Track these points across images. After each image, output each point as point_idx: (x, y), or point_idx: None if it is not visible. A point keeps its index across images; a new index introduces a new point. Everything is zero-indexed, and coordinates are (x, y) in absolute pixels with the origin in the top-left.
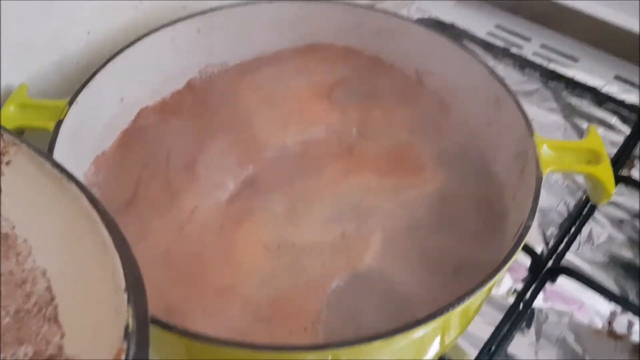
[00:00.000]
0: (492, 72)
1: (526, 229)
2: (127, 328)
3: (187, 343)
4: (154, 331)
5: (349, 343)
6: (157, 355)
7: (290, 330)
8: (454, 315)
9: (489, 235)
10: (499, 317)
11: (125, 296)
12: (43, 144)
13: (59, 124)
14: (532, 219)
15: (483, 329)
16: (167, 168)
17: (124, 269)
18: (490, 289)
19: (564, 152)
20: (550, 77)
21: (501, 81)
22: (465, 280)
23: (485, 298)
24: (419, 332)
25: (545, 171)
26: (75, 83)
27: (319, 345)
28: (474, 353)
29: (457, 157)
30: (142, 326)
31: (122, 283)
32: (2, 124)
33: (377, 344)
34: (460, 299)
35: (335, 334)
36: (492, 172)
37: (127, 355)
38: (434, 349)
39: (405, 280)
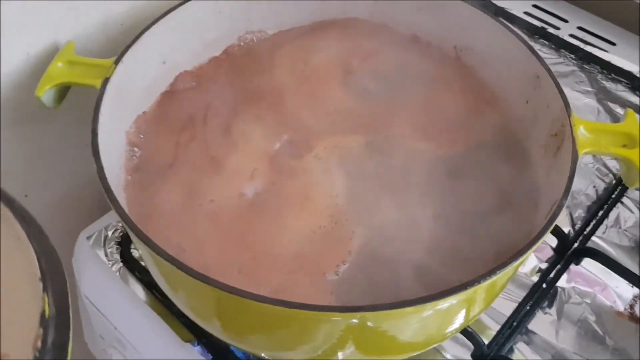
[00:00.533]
0: (533, 50)
1: (559, 207)
2: (43, 314)
3: (223, 297)
4: (191, 283)
5: (381, 307)
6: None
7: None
8: (482, 288)
9: (518, 211)
10: (521, 294)
11: (40, 284)
12: (87, 102)
13: (105, 81)
14: (566, 198)
15: (506, 305)
16: (204, 131)
17: (39, 259)
18: (519, 265)
19: (600, 134)
20: (586, 59)
21: (541, 59)
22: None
23: (513, 274)
24: (448, 302)
25: (581, 152)
26: (119, 44)
27: (349, 307)
28: (496, 328)
29: (492, 134)
30: (62, 312)
31: (37, 272)
32: (50, 79)
33: (408, 309)
34: (490, 273)
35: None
36: (526, 149)
37: (44, 340)
38: (459, 320)
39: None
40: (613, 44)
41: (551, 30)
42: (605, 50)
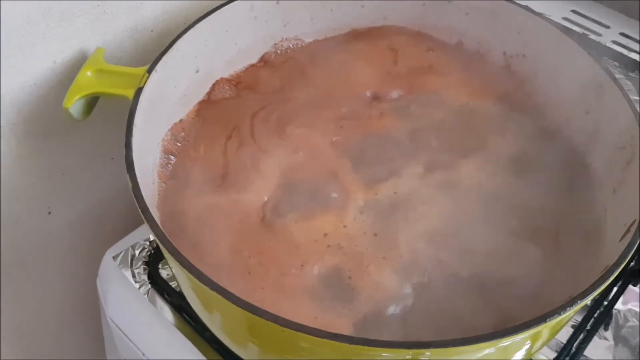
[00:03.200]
0: (596, 57)
1: None
2: None
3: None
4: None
5: (451, 343)
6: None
7: None
8: (556, 321)
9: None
10: (577, 318)
11: None
12: (113, 112)
13: (139, 92)
14: None
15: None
16: (253, 139)
17: None
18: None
19: None
20: (631, 67)
21: (605, 67)
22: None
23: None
24: (518, 337)
25: None
26: (150, 51)
27: (413, 343)
28: (551, 354)
29: (544, 147)
30: None
31: None
32: (78, 89)
33: (484, 344)
34: (570, 304)
35: None
36: (586, 164)
37: None
38: (519, 356)
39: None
40: None
41: (592, 36)
42: None
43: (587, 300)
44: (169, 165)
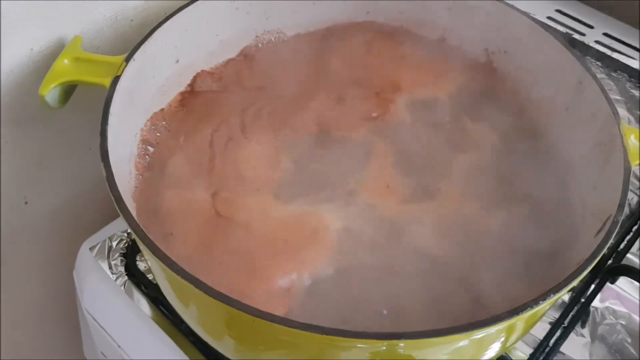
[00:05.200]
0: (576, 54)
1: (615, 224)
2: None
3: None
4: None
5: (425, 334)
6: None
7: None
8: (531, 313)
9: (558, 226)
10: (554, 315)
11: None
12: (91, 101)
13: (116, 80)
14: (621, 213)
15: (536, 326)
16: (243, 133)
17: None
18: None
19: None
20: (613, 67)
21: (586, 64)
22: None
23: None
24: (492, 329)
25: (634, 163)
26: (129, 41)
27: (386, 334)
28: (527, 350)
29: (525, 144)
30: None
31: None
32: (55, 77)
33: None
34: (542, 297)
35: None
36: (565, 161)
37: None
38: (494, 350)
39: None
40: None
41: (576, 36)
42: (632, 58)
43: (561, 294)
44: (147, 157)
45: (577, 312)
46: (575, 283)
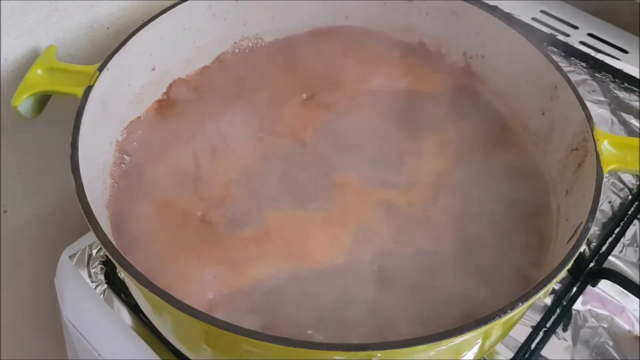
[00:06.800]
0: (551, 58)
1: (586, 230)
2: None
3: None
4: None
5: (391, 345)
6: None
7: None
8: (499, 323)
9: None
10: (535, 318)
11: None
12: (70, 111)
13: (88, 90)
14: (593, 220)
15: (518, 329)
16: (224, 140)
17: None
18: (546, 293)
19: (627, 150)
20: (597, 68)
21: (560, 68)
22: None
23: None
24: (465, 337)
25: (607, 169)
26: (105, 49)
27: (359, 345)
28: (509, 354)
29: (502, 148)
30: None
31: None
32: (27, 88)
33: (421, 347)
34: (513, 304)
35: None
36: (541, 165)
37: None
38: (473, 353)
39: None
40: (625, 51)
41: (560, 37)
42: (617, 59)
43: (530, 303)
44: (123, 165)
45: (558, 315)
46: (543, 292)
